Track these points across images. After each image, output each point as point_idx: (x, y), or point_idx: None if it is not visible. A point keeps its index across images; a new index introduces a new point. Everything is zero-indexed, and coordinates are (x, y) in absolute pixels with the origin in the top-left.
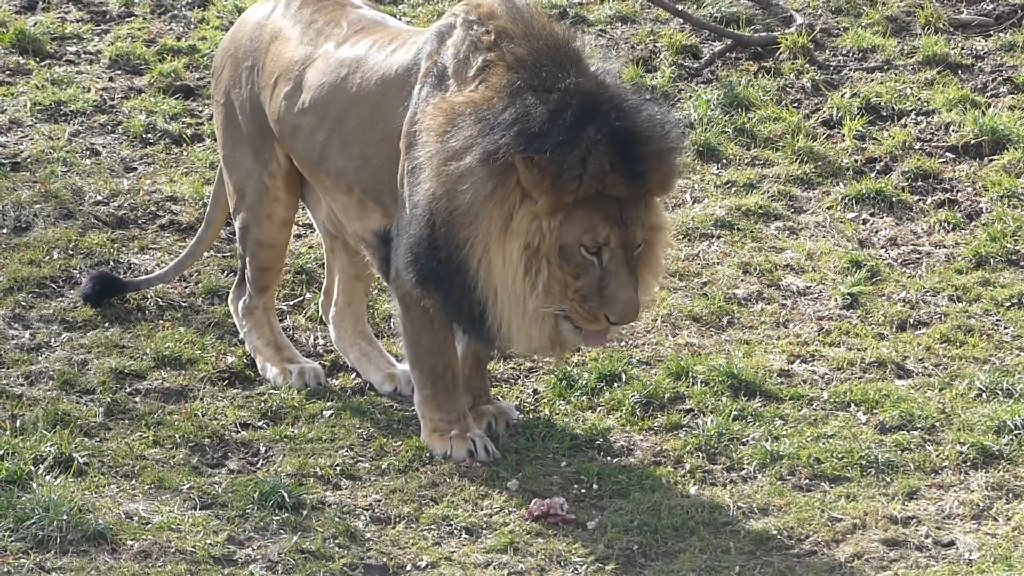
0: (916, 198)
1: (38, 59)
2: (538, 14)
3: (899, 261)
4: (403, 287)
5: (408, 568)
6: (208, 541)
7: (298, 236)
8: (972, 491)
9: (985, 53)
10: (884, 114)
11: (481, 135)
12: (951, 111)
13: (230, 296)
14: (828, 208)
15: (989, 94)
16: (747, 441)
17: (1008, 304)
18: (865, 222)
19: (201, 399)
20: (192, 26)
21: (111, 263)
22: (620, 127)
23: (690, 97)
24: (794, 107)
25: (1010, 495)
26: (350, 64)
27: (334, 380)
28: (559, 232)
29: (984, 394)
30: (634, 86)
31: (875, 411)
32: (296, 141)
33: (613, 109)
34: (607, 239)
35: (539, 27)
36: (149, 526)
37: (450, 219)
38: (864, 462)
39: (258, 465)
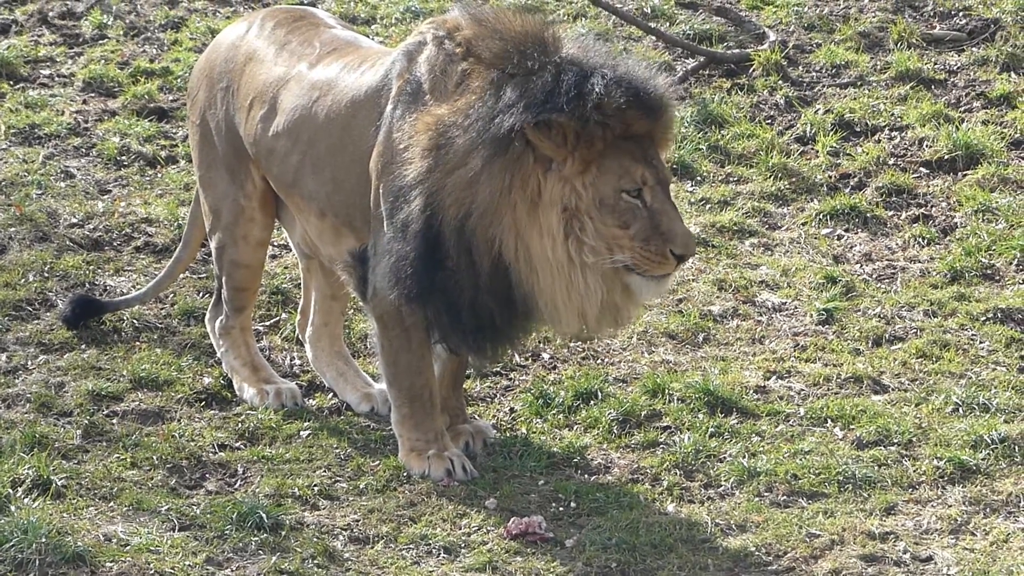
0: (890, 213)
1: (12, 82)
2: (502, 12)
3: (874, 276)
4: (381, 306)
5: None
6: (187, 562)
7: (273, 257)
8: (950, 506)
9: (958, 68)
10: (858, 130)
11: (481, 133)
12: (925, 126)
13: (207, 316)
14: (803, 224)
15: (962, 109)
16: (724, 458)
17: (983, 318)
18: (840, 238)
19: (178, 420)
20: (165, 48)
21: (87, 285)
22: (622, 71)
23: None
24: (768, 124)
25: (987, 510)
26: (321, 86)
27: (311, 400)
28: (595, 188)
29: (960, 409)
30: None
31: (852, 427)
32: (271, 164)
33: (607, 64)
34: (644, 178)
35: (507, 22)
36: (128, 548)
37: (464, 225)
38: (841, 478)
39: (236, 486)
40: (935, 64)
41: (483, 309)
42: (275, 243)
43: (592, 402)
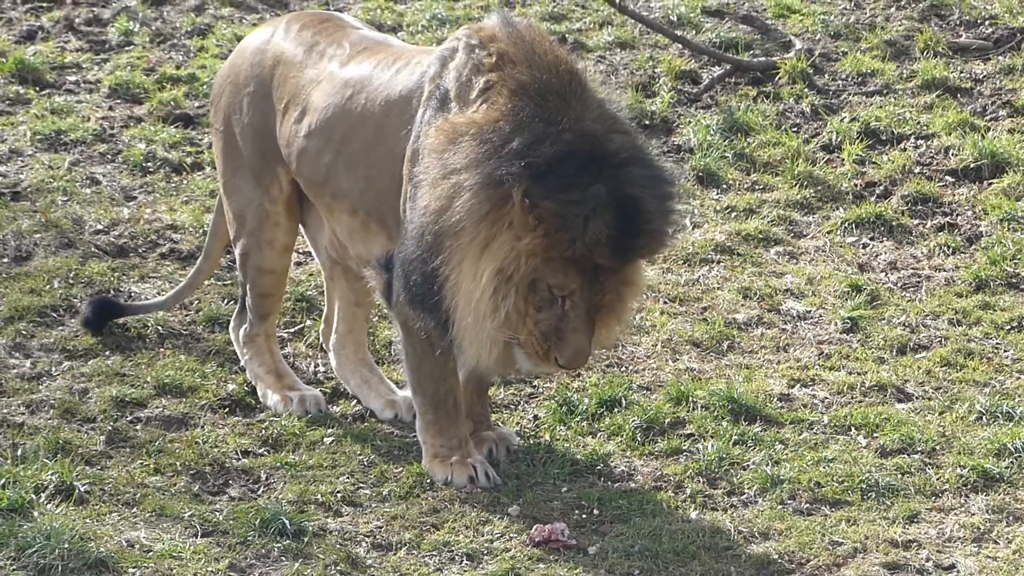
0: (916, 222)
1: (38, 88)
2: (539, 38)
3: (899, 285)
4: (405, 312)
5: None
6: (209, 569)
7: (298, 264)
8: (973, 514)
9: (984, 77)
10: (883, 138)
11: (486, 157)
12: (950, 135)
13: (231, 324)
14: (828, 232)
15: (988, 117)
16: (748, 465)
17: (1008, 327)
18: (865, 246)
19: (202, 427)
20: (191, 55)
21: (112, 292)
22: (628, 196)
23: (689, 122)
24: (793, 132)
25: (1011, 518)
26: (355, 84)
27: (335, 407)
28: (533, 271)
29: (984, 417)
30: (634, 125)
31: (875, 435)
32: (302, 164)
33: (622, 166)
34: (573, 292)
35: (540, 52)
36: (150, 554)
37: (438, 231)
38: (865, 486)
39: (259, 492)
40: (961, 73)
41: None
42: (300, 250)
43: (616, 409)
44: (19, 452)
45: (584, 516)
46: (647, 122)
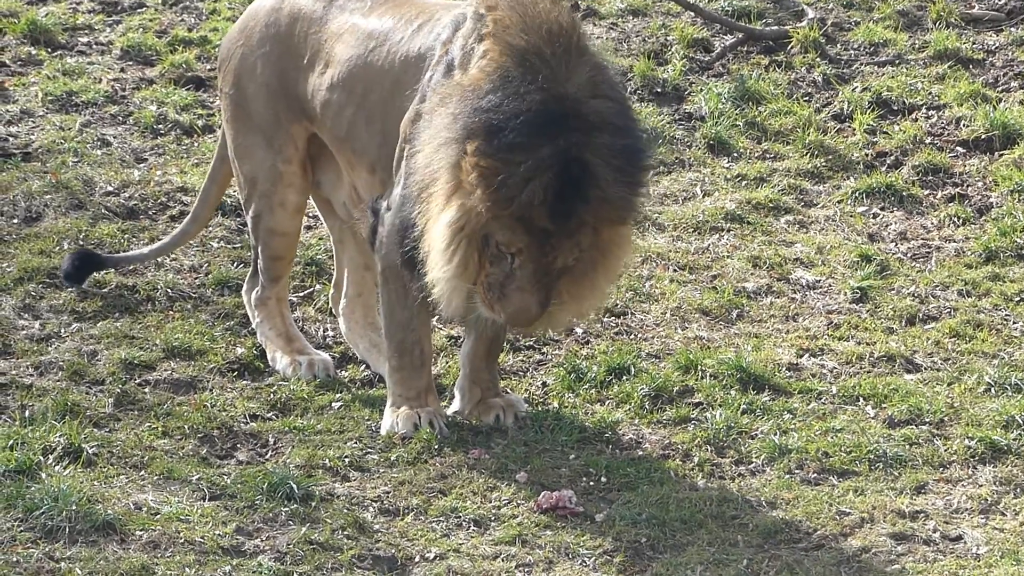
0: (926, 192)
1: (50, 49)
2: (537, 2)
3: (909, 255)
4: (385, 260)
5: (416, 560)
6: (217, 532)
7: (308, 227)
8: (980, 486)
9: (996, 48)
10: (895, 108)
11: (463, 113)
12: (962, 105)
13: (244, 288)
14: (838, 202)
15: (1000, 89)
16: (756, 435)
17: (1017, 299)
18: (875, 216)
19: (210, 390)
20: (203, 17)
21: (120, 253)
22: (578, 160)
23: (701, 90)
24: (805, 101)
25: (1018, 490)
26: (377, 37)
27: (343, 372)
28: (483, 226)
29: (993, 389)
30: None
31: (884, 405)
32: (326, 117)
33: (586, 131)
34: (520, 252)
35: (534, 14)
36: (158, 517)
37: (421, 182)
38: (872, 456)
39: (267, 456)
40: (973, 43)
41: None
42: (310, 213)
43: (624, 377)
44: (27, 413)
45: (591, 483)
46: (659, 90)
